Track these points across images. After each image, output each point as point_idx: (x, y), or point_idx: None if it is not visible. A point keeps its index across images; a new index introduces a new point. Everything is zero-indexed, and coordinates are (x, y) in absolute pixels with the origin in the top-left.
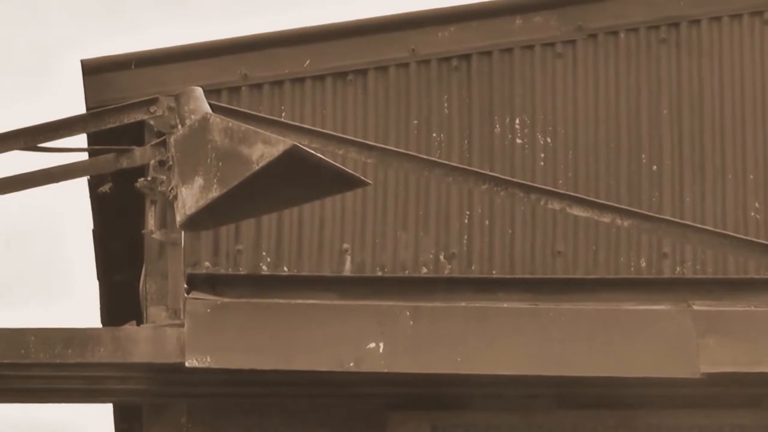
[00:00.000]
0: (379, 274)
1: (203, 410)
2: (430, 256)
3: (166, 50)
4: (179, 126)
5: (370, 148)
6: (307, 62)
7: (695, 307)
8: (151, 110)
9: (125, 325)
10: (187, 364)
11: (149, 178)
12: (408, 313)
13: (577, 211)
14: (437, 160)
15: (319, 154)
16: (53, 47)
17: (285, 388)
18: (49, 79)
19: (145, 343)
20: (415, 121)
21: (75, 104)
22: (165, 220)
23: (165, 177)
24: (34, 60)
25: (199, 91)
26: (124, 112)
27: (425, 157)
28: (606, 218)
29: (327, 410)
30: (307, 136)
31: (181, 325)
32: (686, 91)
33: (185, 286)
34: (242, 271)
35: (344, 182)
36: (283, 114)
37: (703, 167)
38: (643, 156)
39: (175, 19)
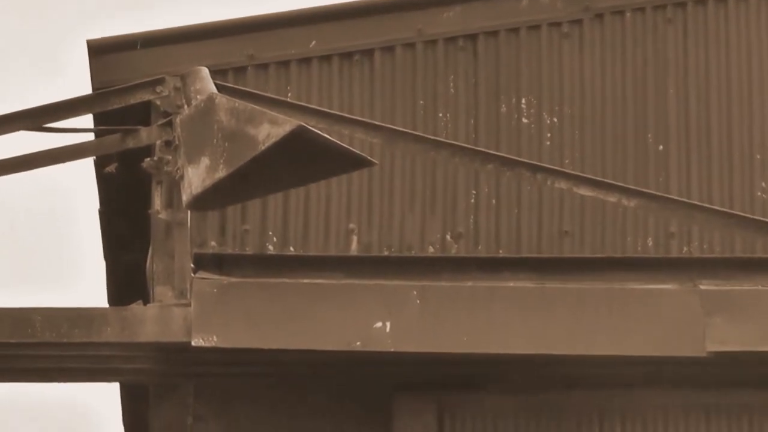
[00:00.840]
0: (386, 253)
1: (210, 390)
2: (437, 235)
3: (172, 30)
4: (185, 106)
5: (377, 128)
6: (314, 43)
7: (702, 287)
8: (157, 90)
9: (132, 304)
10: (193, 344)
11: (155, 158)
12: (415, 293)
13: (583, 191)
14: (444, 140)
15: (325, 135)
16: (62, 28)
17: (291, 367)
18: (58, 60)
19: (151, 322)
20: (422, 102)
21: (82, 85)
22: (171, 200)
23: (171, 157)
24: (44, 41)
25: (205, 71)
26: (130, 92)
27: (432, 137)
28: (613, 198)
29: (334, 390)
30: (313, 117)
31: (188, 305)
32: (693, 71)
33: (192, 265)
34: (249, 251)
35: (350, 162)
36: (290, 94)
37: (710, 147)
38: (650, 136)
39: None
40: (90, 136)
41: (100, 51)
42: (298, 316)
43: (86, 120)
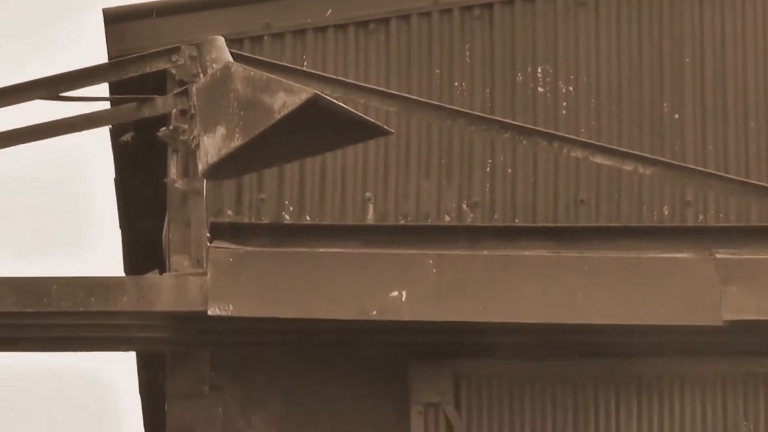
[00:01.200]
0: (402, 222)
1: (226, 359)
2: (453, 204)
3: None
4: (201, 75)
5: (393, 97)
6: (329, 11)
7: (718, 255)
8: (173, 59)
9: (148, 273)
10: (209, 313)
11: (171, 127)
12: (431, 262)
13: (599, 160)
14: (460, 109)
15: (341, 103)
16: None
17: (307, 336)
18: (73, 29)
19: (167, 291)
20: (438, 71)
21: (98, 54)
22: (187, 169)
23: (187, 126)
24: (60, 9)
25: (221, 40)
26: (145, 61)
27: (448, 106)
28: (629, 166)
29: (350, 359)
30: (329, 85)
31: (204, 274)
32: (709, 38)
33: (208, 234)
34: (265, 220)
35: (366, 131)
36: (306, 63)
37: (726, 115)
38: (666, 104)
39: None
40: (106, 105)
41: (115, 19)
42: (314, 285)
43: (102, 89)
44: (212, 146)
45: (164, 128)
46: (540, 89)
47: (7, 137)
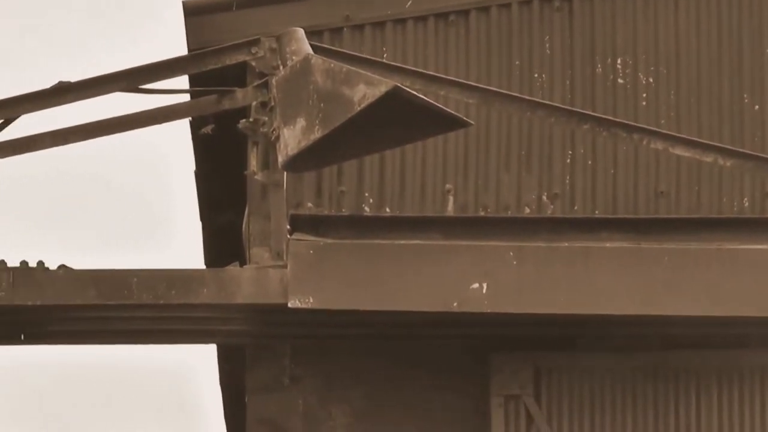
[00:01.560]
0: (482, 214)
1: (306, 351)
2: (533, 196)
3: None
4: (281, 67)
5: (472, 88)
6: (409, 3)
7: None
8: (253, 51)
9: (228, 266)
10: (289, 305)
11: (251, 120)
12: (511, 254)
13: (679, 151)
14: (539, 100)
15: (421, 95)
16: None
17: (387, 329)
18: (153, 21)
19: (248, 284)
20: (517, 62)
21: (178, 46)
22: (267, 161)
23: (267, 118)
24: (140, 2)
25: (300, 32)
26: (225, 53)
27: (527, 97)
28: (708, 158)
29: (429, 351)
30: (409, 77)
31: (284, 266)
32: None
33: (288, 227)
34: (345, 212)
35: (446, 123)
36: (385, 55)
37: None
38: (746, 96)
39: None
40: (186, 98)
41: (196, 12)
42: (394, 277)
43: (182, 81)
44: (292, 138)
45: (244, 120)
46: (620, 81)
47: (88, 130)
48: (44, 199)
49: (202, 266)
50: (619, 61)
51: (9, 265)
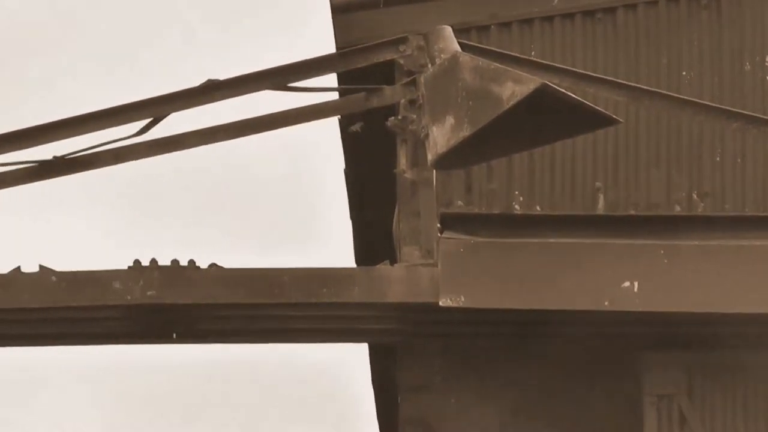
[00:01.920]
0: (632, 212)
1: (457, 350)
2: (683, 194)
3: None
4: (429, 65)
5: (621, 86)
6: (556, 1)
7: None
8: (401, 49)
9: (379, 264)
10: (440, 304)
11: (400, 118)
12: (662, 252)
13: None
14: (688, 98)
15: (569, 93)
16: None
17: (538, 327)
18: (301, 19)
19: (398, 282)
20: (665, 60)
21: (326, 45)
22: (416, 159)
23: (416, 116)
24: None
25: (448, 30)
26: (373, 51)
27: (676, 95)
28: None
29: (579, 350)
30: (557, 75)
31: (435, 265)
32: None
33: (438, 225)
34: (495, 211)
35: (595, 120)
36: (533, 53)
37: None
38: None
39: None
40: (334, 96)
41: (343, 10)
42: (545, 276)
43: (330, 79)
44: (441, 136)
45: (393, 118)
46: None
47: (238, 127)
48: (195, 198)
49: (353, 265)
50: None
51: (160, 263)
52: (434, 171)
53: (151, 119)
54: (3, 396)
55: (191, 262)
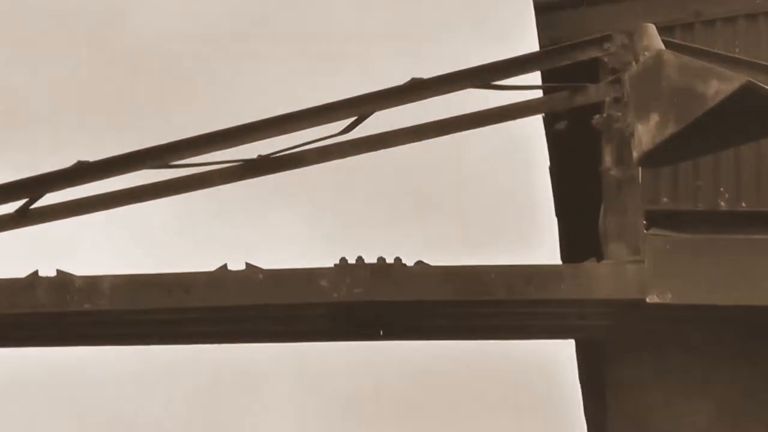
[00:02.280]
0: None
1: (666, 347)
2: None
3: None
4: (633, 63)
5: None
6: None
7: None
8: (605, 47)
9: (585, 261)
10: (647, 300)
11: (605, 115)
12: None
13: None
14: None
15: None
16: None
17: (743, 325)
18: (504, 17)
19: (605, 279)
20: None
21: (529, 43)
22: (622, 157)
23: (620, 114)
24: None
25: (652, 28)
26: (577, 49)
27: None
28: None
29: None
30: (762, 72)
31: (641, 262)
32: None
33: (644, 222)
34: (701, 207)
35: None
36: (737, 51)
37: None
38: None
39: None
40: (538, 94)
41: (546, 8)
42: (751, 273)
43: (534, 77)
44: (646, 134)
45: (598, 116)
46: None
47: (443, 126)
48: (399, 196)
49: (559, 262)
50: None
51: (366, 261)
52: (639, 168)
53: (355, 118)
54: (226, 394)
55: (397, 259)
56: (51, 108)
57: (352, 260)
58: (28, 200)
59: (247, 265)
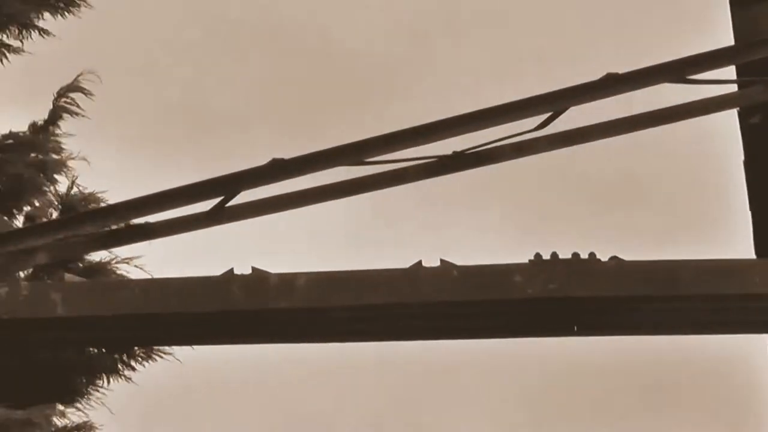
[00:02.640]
0: None
1: None
2: None
3: None
4: None
5: None
6: None
7: None
8: None
9: None
10: None
11: None
12: None
13: None
14: None
15: None
16: None
17: None
18: (698, 11)
19: None
20: None
21: (725, 37)
22: None
23: None
24: None
25: None
26: None
27: None
28: None
29: None
30: None
31: None
32: None
33: None
34: None
35: None
36: None
37: None
38: None
39: None
40: (733, 88)
41: (742, 2)
42: None
43: (727, 71)
44: None
45: None
46: None
47: (637, 121)
48: (591, 192)
49: (753, 256)
50: None
51: (561, 257)
52: None
53: (551, 113)
54: (420, 391)
55: (592, 255)
56: (246, 110)
57: (545, 255)
58: (223, 199)
59: (442, 261)
